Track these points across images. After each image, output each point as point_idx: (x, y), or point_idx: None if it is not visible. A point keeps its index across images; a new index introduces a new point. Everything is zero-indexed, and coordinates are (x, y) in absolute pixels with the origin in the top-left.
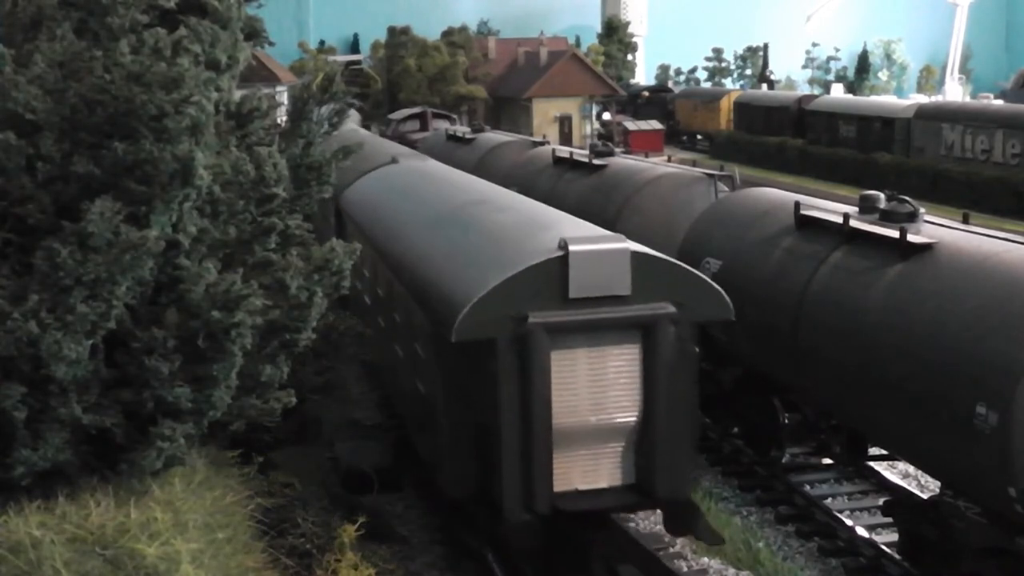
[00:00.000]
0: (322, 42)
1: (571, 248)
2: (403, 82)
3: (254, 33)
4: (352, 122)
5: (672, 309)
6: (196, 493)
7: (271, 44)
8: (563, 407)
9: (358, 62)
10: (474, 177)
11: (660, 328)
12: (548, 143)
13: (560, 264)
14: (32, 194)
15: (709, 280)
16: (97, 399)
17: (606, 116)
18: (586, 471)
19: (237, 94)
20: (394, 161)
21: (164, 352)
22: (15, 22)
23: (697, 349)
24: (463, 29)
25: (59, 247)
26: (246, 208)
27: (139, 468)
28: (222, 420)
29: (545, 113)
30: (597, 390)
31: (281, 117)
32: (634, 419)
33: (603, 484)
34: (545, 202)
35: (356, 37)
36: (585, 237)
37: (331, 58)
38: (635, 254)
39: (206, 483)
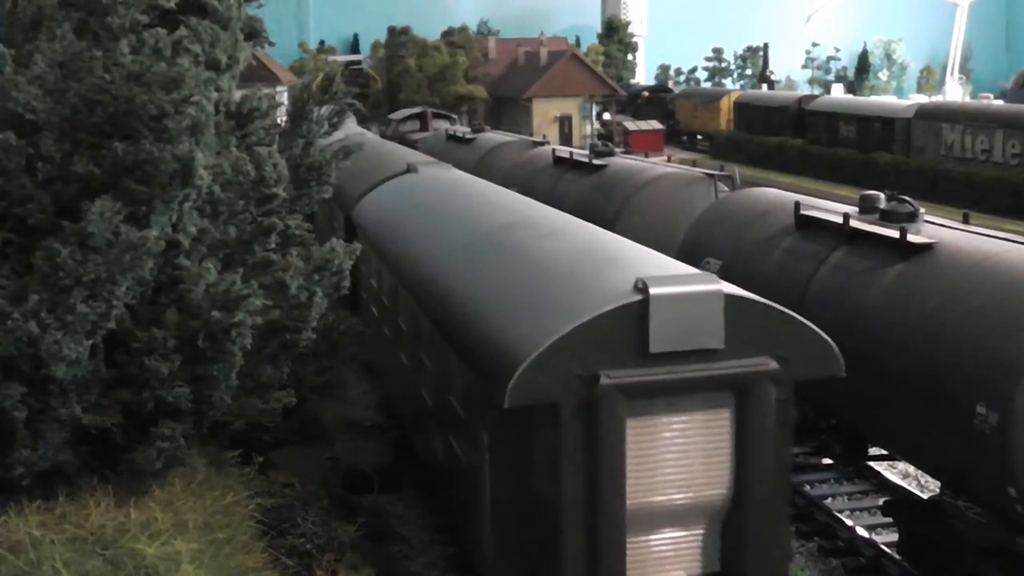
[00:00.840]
0: (322, 42)
1: (652, 291)
2: (403, 82)
3: (254, 33)
4: (349, 123)
5: (773, 365)
6: (196, 493)
7: (271, 44)
8: (639, 484)
9: (358, 62)
10: (504, 189)
11: (758, 389)
12: (548, 143)
13: (638, 311)
14: (32, 194)
15: (815, 328)
16: (97, 399)
17: (606, 116)
18: (664, 559)
19: (237, 94)
20: (412, 170)
21: (164, 352)
22: (15, 22)
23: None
24: (463, 29)
25: (59, 247)
26: (246, 208)
27: (139, 468)
28: (222, 420)
29: (545, 113)
30: (680, 463)
31: (281, 117)
32: (722, 496)
33: (683, 574)
34: (545, 202)
35: (356, 37)
36: (668, 277)
37: (331, 58)
38: (730, 297)
39: (206, 483)
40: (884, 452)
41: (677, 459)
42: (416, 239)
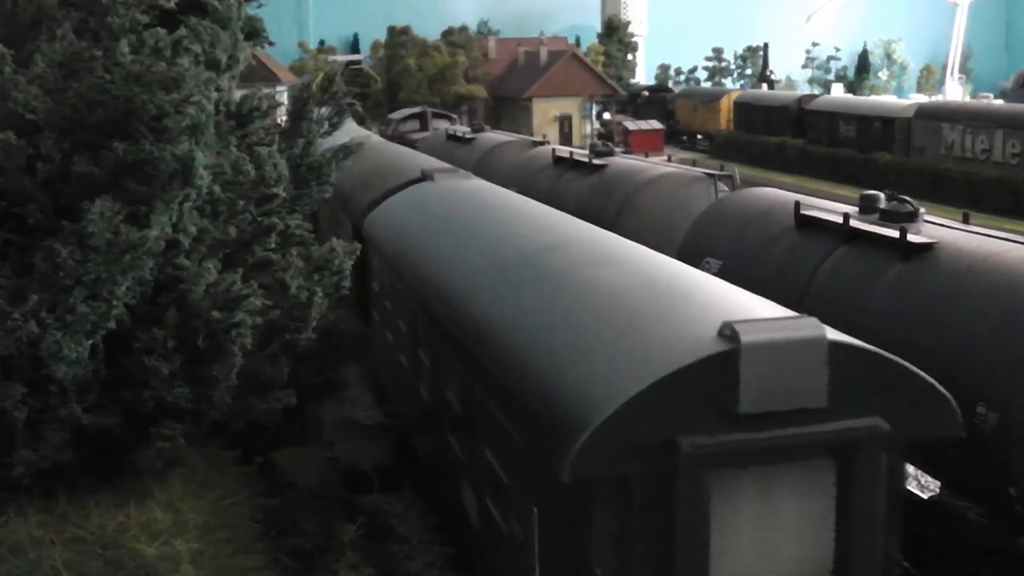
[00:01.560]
0: (322, 42)
1: (744, 339)
2: (403, 82)
3: (254, 33)
4: (349, 124)
5: (883, 426)
6: (196, 493)
7: (271, 44)
8: (724, 566)
9: (358, 62)
10: (535, 202)
11: (865, 454)
12: (548, 143)
13: (726, 364)
14: (32, 194)
15: (931, 381)
16: (97, 399)
17: (606, 116)
18: None
19: (237, 94)
20: (428, 178)
21: (164, 352)
22: (16, 22)
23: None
24: (463, 29)
25: (59, 247)
26: (246, 208)
27: (139, 468)
28: (222, 420)
29: (545, 113)
30: (772, 541)
31: (281, 117)
32: None
33: None
34: (545, 202)
35: (356, 37)
36: (760, 321)
37: (331, 58)
38: (835, 346)
39: (206, 483)
40: None
41: (768, 540)
42: (440, 262)
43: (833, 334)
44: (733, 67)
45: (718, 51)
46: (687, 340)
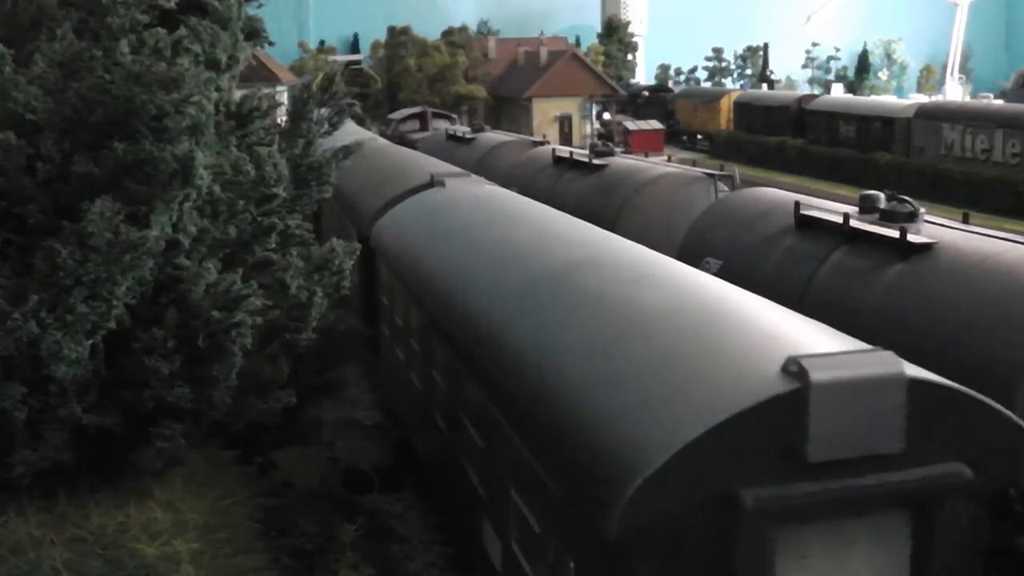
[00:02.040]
0: (322, 42)
1: (813, 377)
2: (403, 82)
3: (254, 33)
4: (348, 124)
5: (966, 473)
6: (196, 493)
7: (271, 44)
8: None
9: (358, 62)
10: (552, 209)
11: (946, 505)
12: (548, 143)
13: (793, 405)
14: (32, 194)
15: (1017, 421)
16: (97, 399)
17: (606, 116)
18: None
19: (237, 94)
20: (438, 183)
21: (164, 352)
22: (15, 22)
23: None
24: (463, 29)
25: (59, 247)
26: (246, 208)
27: (139, 468)
28: (222, 420)
29: (545, 113)
30: None
31: (281, 117)
32: None
33: None
34: (545, 202)
35: (356, 37)
36: (830, 356)
37: (331, 58)
38: (915, 384)
39: (206, 483)
40: None
41: None
42: (457, 277)
43: (912, 370)
44: (733, 67)
45: (718, 51)
46: (748, 378)
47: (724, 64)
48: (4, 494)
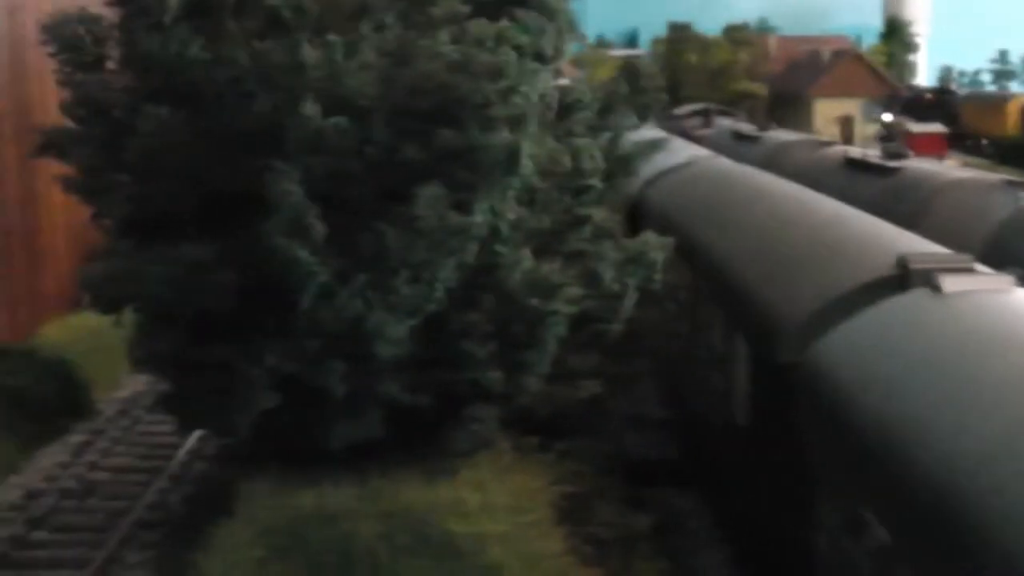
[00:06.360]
0: (600, 36)
1: None
2: (683, 78)
3: (571, 26)
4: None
5: None
6: (502, 476)
7: (584, 38)
8: None
9: (636, 57)
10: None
11: None
12: (837, 143)
13: None
14: (360, 177)
15: None
16: (413, 379)
17: (887, 117)
18: None
19: (555, 84)
20: (918, 282)
21: (480, 336)
22: (336, 11)
23: None
24: (744, 26)
25: (386, 229)
26: (560, 198)
27: (450, 448)
28: (529, 406)
29: (826, 113)
30: None
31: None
32: None
33: None
34: None
35: (635, 32)
36: None
37: (610, 52)
38: None
39: (511, 467)
40: None
41: None
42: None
43: None
44: (1020, 70)
45: (1003, 53)
46: None
47: (1009, 67)
48: (321, 466)
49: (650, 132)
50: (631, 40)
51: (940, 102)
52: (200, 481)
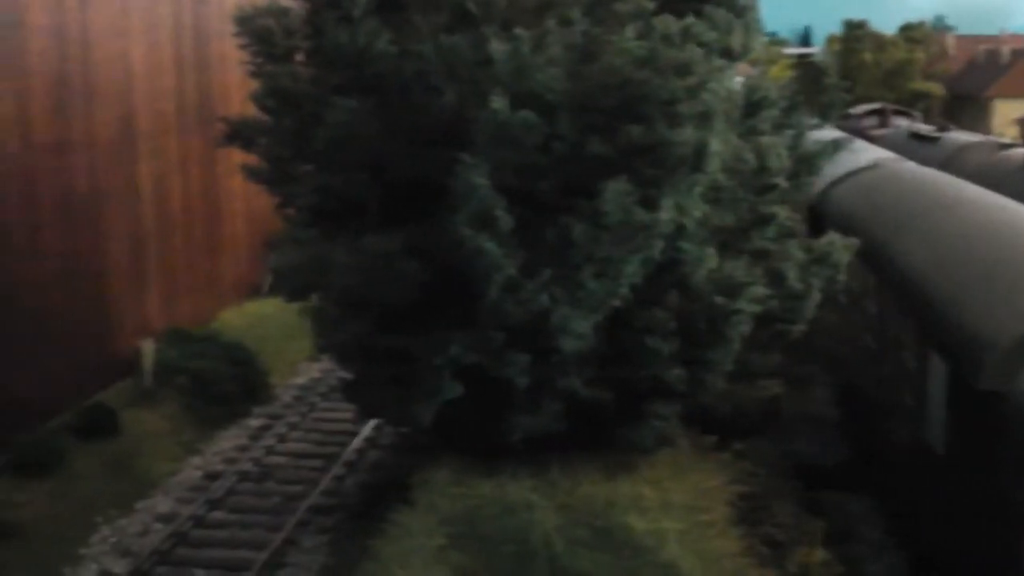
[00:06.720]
0: (773, 33)
1: None
2: (858, 76)
3: (759, 23)
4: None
5: None
6: (680, 474)
7: (768, 34)
8: None
9: (810, 55)
10: None
11: None
12: (1018, 145)
13: None
14: (546, 171)
15: None
16: (595, 374)
17: None
18: None
19: (739, 82)
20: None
21: (663, 333)
22: (522, 5)
23: None
24: (920, 24)
25: (573, 224)
26: (745, 196)
27: (630, 444)
28: (708, 404)
29: (1005, 113)
30: None
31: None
32: None
33: None
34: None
35: (808, 29)
36: None
37: (784, 50)
38: None
39: (689, 465)
40: None
41: None
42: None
43: None
44: None
45: None
46: None
47: None
48: (501, 458)
49: (827, 132)
50: (805, 38)
51: None
52: (376, 469)
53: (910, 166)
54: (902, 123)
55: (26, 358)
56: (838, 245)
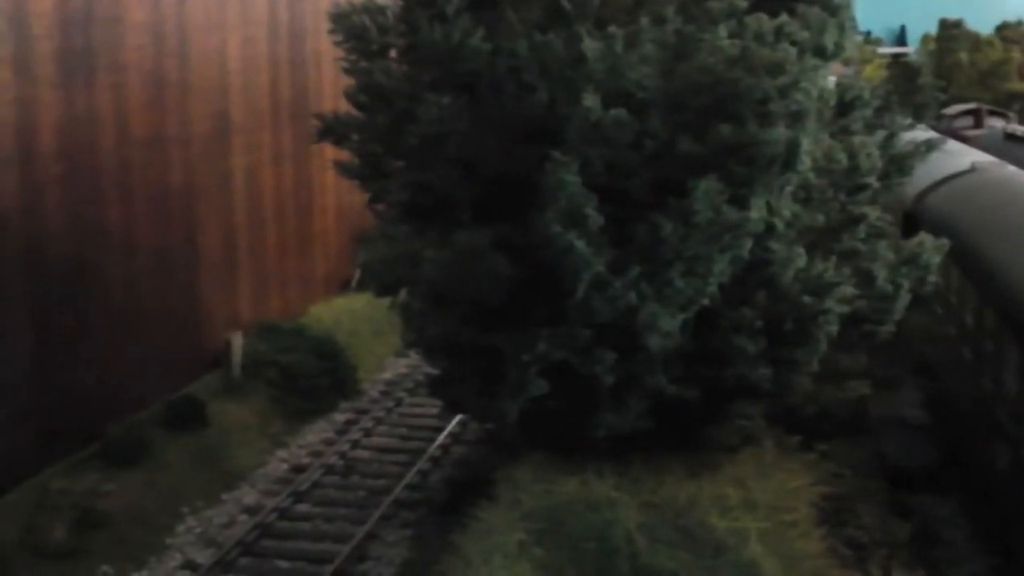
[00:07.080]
0: (868, 32)
1: None
2: (953, 76)
3: (853, 23)
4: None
5: None
6: (764, 474)
7: (864, 34)
8: None
9: (905, 54)
10: None
11: None
12: None
13: None
14: (637, 169)
15: None
16: (681, 372)
17: None
18: None
19: (832, 81)
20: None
21: (751, 332)
22: (615, 3)
23: None
24: (1018, 24)
25: (662, 222)
26: (835, 196)
27: (715, 443)
28: (794, 404)
29: None
30: None
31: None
32: None
33: None
34: None
35: (903, 29)
36: None
37: (878, 49)
38: None
39: (773, 465)
40: None
41: None
42: None
43: None
44: None
45: None
46: None
47: None
48: (585, 455)
49: (920, 132)
50: (900, 37)
51: None
52: (460, 465)
53: (1011, 171)
54: (997, 124)
55: (118, 350)
56: (928, 246)
